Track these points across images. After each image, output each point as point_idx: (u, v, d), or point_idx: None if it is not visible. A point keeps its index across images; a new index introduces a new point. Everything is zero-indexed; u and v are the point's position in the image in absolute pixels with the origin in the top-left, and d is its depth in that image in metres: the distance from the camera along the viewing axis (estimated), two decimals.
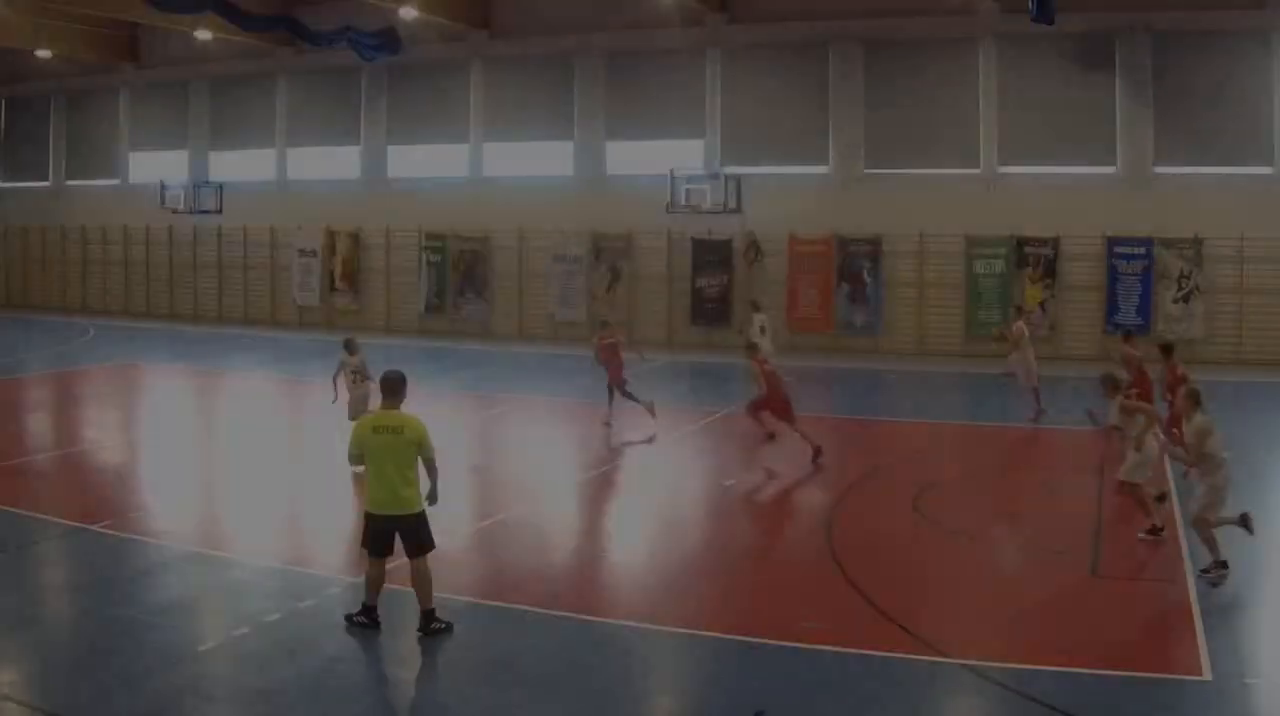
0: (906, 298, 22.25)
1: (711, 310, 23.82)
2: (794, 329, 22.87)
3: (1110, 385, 10.45)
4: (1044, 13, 18.80)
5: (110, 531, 10.33)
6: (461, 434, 15.27)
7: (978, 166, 21.72)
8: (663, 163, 23.96)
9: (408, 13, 23.90)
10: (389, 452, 7.61)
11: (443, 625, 7.69)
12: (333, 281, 28.24)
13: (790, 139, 23.29)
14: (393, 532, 7.67)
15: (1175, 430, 10.63)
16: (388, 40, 26.33)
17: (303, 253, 28.57)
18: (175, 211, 29.99)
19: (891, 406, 18.76)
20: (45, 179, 33.65)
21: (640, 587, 9.16)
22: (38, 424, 16.84)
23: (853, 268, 22.49)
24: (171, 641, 7.66)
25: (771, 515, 11.87)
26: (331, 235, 28.12)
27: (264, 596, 8.53)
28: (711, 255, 23.77)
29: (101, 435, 15.81)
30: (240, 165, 29.97)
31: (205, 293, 30.41)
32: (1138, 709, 6.67)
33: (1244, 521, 8.96)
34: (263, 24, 26.70)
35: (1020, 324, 16.36)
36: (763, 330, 18.62)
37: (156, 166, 30.98)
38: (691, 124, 24.07)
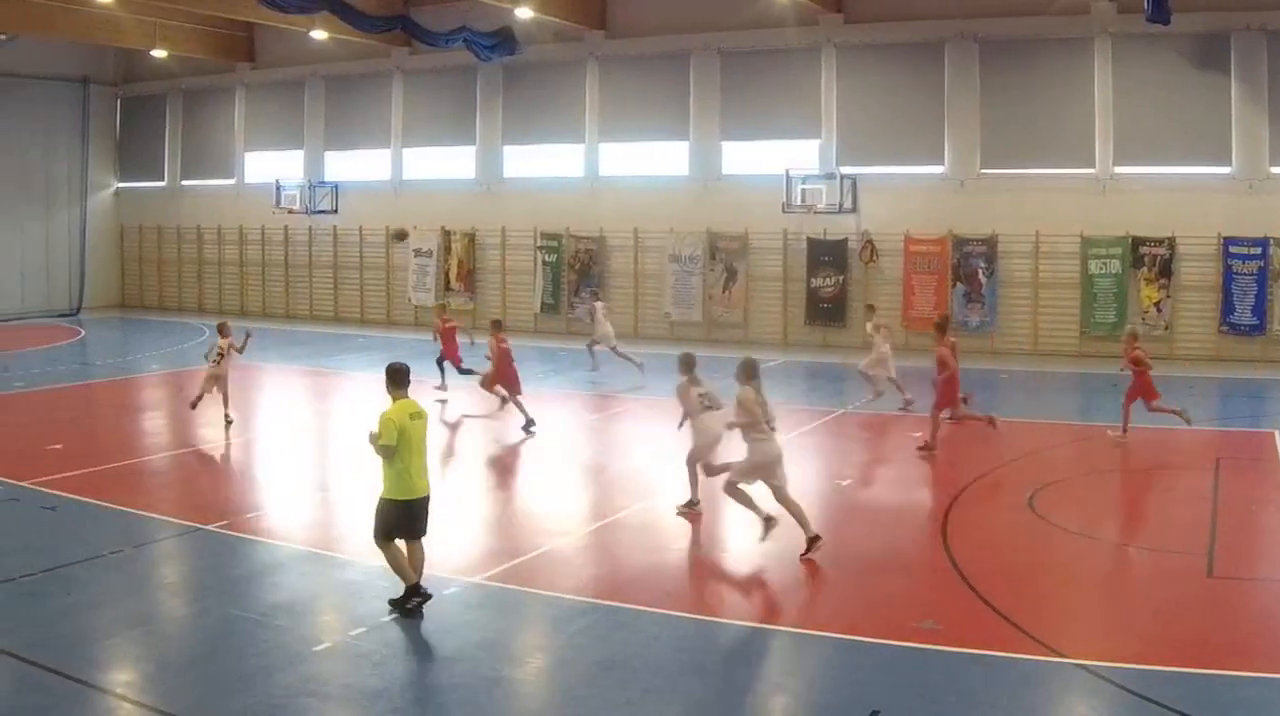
0: (1021, 297, 25.61)
1: (827, 310, 27.51)
2: (910, 328, 26.43)
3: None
4: (1159, 13, 21.79)
5: (226, 531, 12.15)
6: (578, 434, 18.40)
7: (1093, 166, 24.98)
8: (778, 162, 27.66)
9: (523, 13, 27.92)
10: (420, 438, 9.52)
11: (420, 601, 9.49)
12: (448, 281, 32.56)
13: (906, 138, 26.80)
14: (416, 515, 9.50)
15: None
16: (504, 40, 30.53)
17: (418, 253, 32.88)
18: (291, 212, 34.88)
19: (1006, 406, 21.38)
20: (161, 179, 39.15)
21: (755, 587, 10.75)
22: (153, 424, 19.71)
23: (968, 267, 25.88)
24: (287, 641, 8.93)
25: (886, 514, 13.55)
26: (447, 235, 32.36)
27: (379, 596, 9.89)
28: (826, 255, 27.42)
29: (217, 436, 18.27)
30: (356, 165, 34.72)
31: (320, 293, 35.20)
32: (1255, 710, 7.52)
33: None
34: (379, 24, 31.02)
35: (874, 322, 20.21)
36: (591, 315, 24.48)
37: (272, 166, 35.86)
38: (807, 124, 27.75)
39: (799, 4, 26.56)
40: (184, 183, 38.63)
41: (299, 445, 18.04)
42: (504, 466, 16.61)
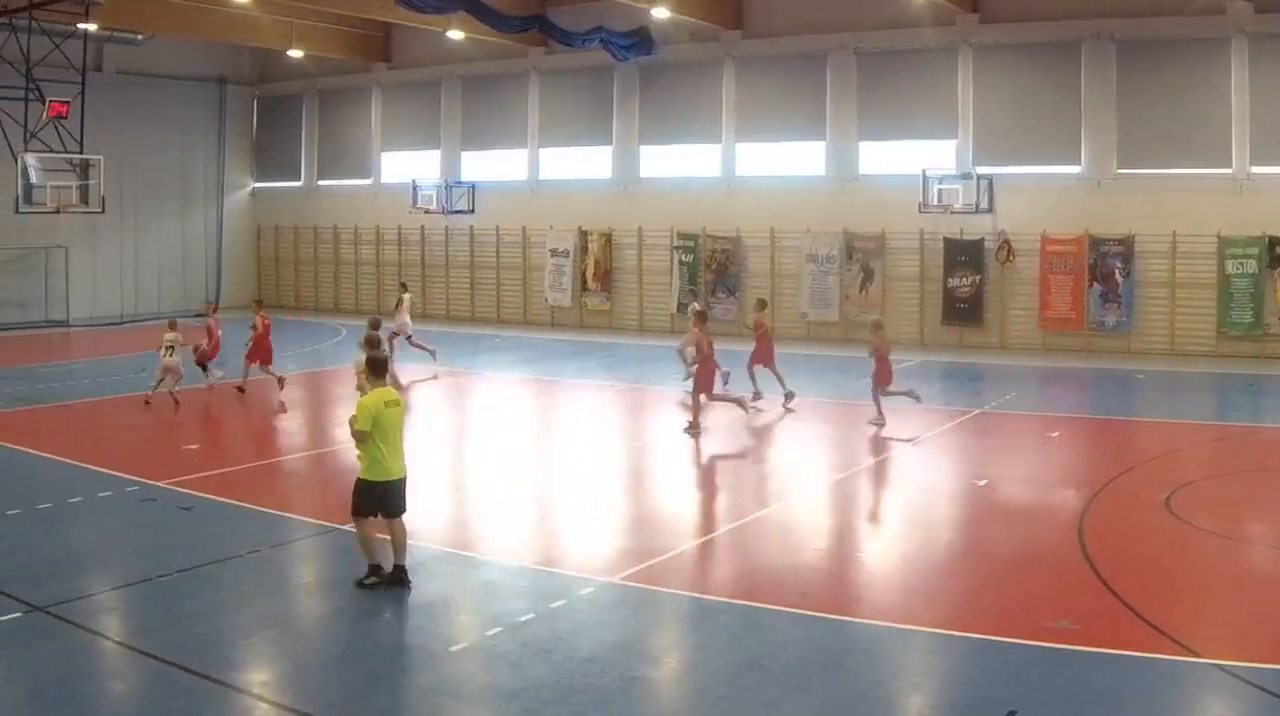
0: (1158, 298, 29.86)
1: (963, 310, 32.04)
2: (1046, 328, 30.83)
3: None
4: None
5: None
6: (716, 434, 21.01)
7: (1229, 166, 29.11)
8: (915, 162, 32.34)
9: (660, 13, 33.10)
10: (397, 423, 12.00)
11: (389, 580, 11.81)
12: (585, 281, 37.80)
13: (1042, 138, 31.23)
14: (390, 496, 11.91)
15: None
16: (641, 40, 35.81)
17: (555, 253, 38.23)
18: (428, 212, 40.98)
19: (1143, 406, 24.68)
20: (297, 179, 45.95)
21: (892, 587, 12.31)
22: (290, 424, 22.68)
23: (1105, 267, 30.16)
24: (424, 641, 10.49)
25: (1023, 514, 15.36)
26: (584, 235, 37.58)
27: (516, 596, 11.57)
28: (963, 255, 31.97)
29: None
30: (492, 165, 40.68)
31: (457, 293, 41.07)
32: None
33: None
34: (516, 24, 36.54)
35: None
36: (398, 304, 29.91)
37: (408, 166, 42.04)
38: (943, 123, 32.38)
39: (935, 4, 31.17)
40: (320, 182, 45.42)
41: (435, 446, 20.73)
42: (641, 467, 19.34)
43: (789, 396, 23.12)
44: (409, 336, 29.12)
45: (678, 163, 37.04)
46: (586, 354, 32.35)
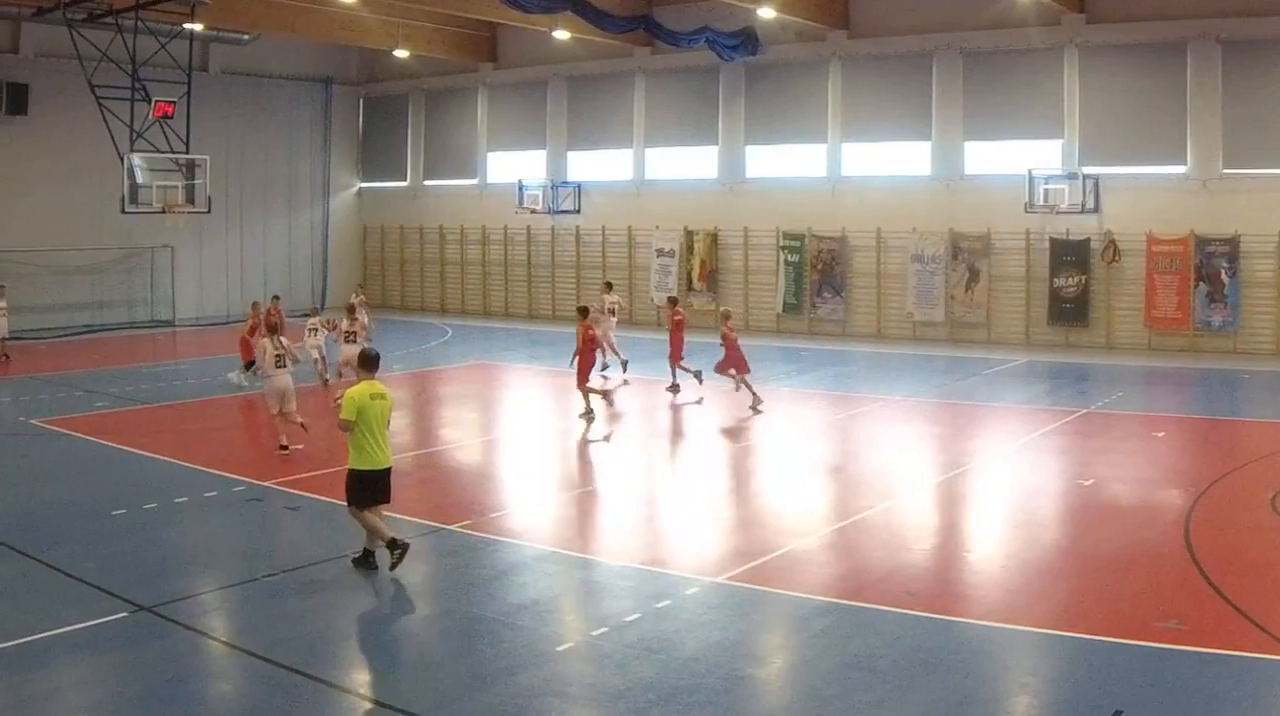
0: (1264, 298, 32.28)
1: (1069, 310, 34.53)
2: (1152, 328, 33.27)
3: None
4: None
5: (469, 532, 15.21)
6: (821, 434, 22.94)
7: None
8: (1020, 162, 34.85)
9: (766, 13, 35.98)
10: (381, 416, 13.51)
11: (403, 549, 13.32)
12: (690, 281, 40.83)
13: (1148, 138, 33.72)
14: (383, 484, 13.54)
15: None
16: (746, 40, 38.71)
17: (660, 253, 41.22)
18: (533, 211, 44.41)
19: (1249, 406, 26.22)
20: (403, 179, 49.75)
21: (997, 587, 13.11)
22: (396, 424, 21.64)
23: (1210, 267, 32.51)
24: (529, 641, 11.22)
25: (1129, 514, 16.28)
26: (689, 235, 40.54)
27: (621, 596, 12.43)
28: (1069, 255, 34.49)
29: (459, 435, 22.98)
30: (598, 165, 43.99)
31: (563, 293, 44.35)
32: None
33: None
34: (621, 24, 39.48)
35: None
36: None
37: (514, 166, 45.61)
38: (1049, 123, 34.95)
39: (1041, 4, 33.72)
40: (426, 183, 49.27)
41: (543, 445, 22.76)
42: (746, 466, 20.95)
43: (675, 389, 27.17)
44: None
45: (783, 162, 40.05)
46: (690, 354, 33.66)
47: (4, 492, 17.88)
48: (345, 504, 13.76)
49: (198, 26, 37.03)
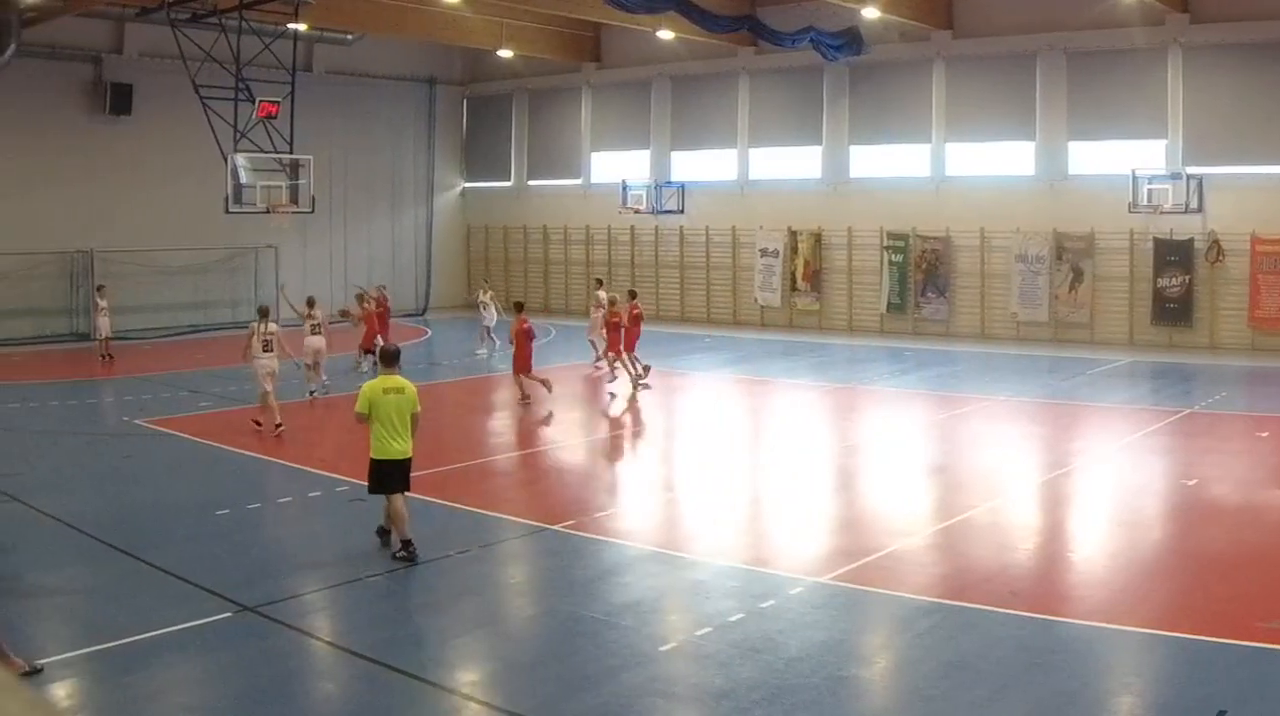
0: None
1: (1173, 310, 36.96)
2: (1256, 328, 35.72)
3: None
4: None
5: (573, 531, 16.06)
6: (925, 434, 24.34)
7: None
8: (1124, 162, 37.31)
9: (870, 13, 38.58)
10: (395, 409, 14.59)
11: (413, 553, 14.55)
12: (794, 281, 43.63)
13: (1252, 138, 36.13)
14: (400, 474, 14.74)
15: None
16: (850, 40, 41.48)
17: (764, 253, 44.10)
18: (637, 211, 47.65)
19: None
20: (507, 179, 53.44)
21: (1100, 587, 13.68)
22: (499, 424, 26.67)
23: None
24: (633, 641, 11.88)
25: (1232, 515, 17.06)
26: (793, 235, 43.40)
27: (725, 596, 13.13)
28: (1173, 255, 36.95)
29: (563, 435, 24.62)
30: (702, 165, 47.15)
31: (667, 293, 47.56)
32: None
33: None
34: (726, 24, 42.24)
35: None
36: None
37: (618, 166, 49.01)
38: (1153, 123, 37.45)
39: (1145, 4, 36.16)
40: (530, 182, 52.82)
41: (647, 445, 24.59)
42: (850, 466, 22.01)
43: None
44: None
45: (887, 162, 42.90)
46: (796, 354, 37.66)
47: (108, 493, 19.13)
48: (432, 500, 15.89)
49: (302, 26, 38.66)
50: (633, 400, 28.88)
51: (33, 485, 19.14)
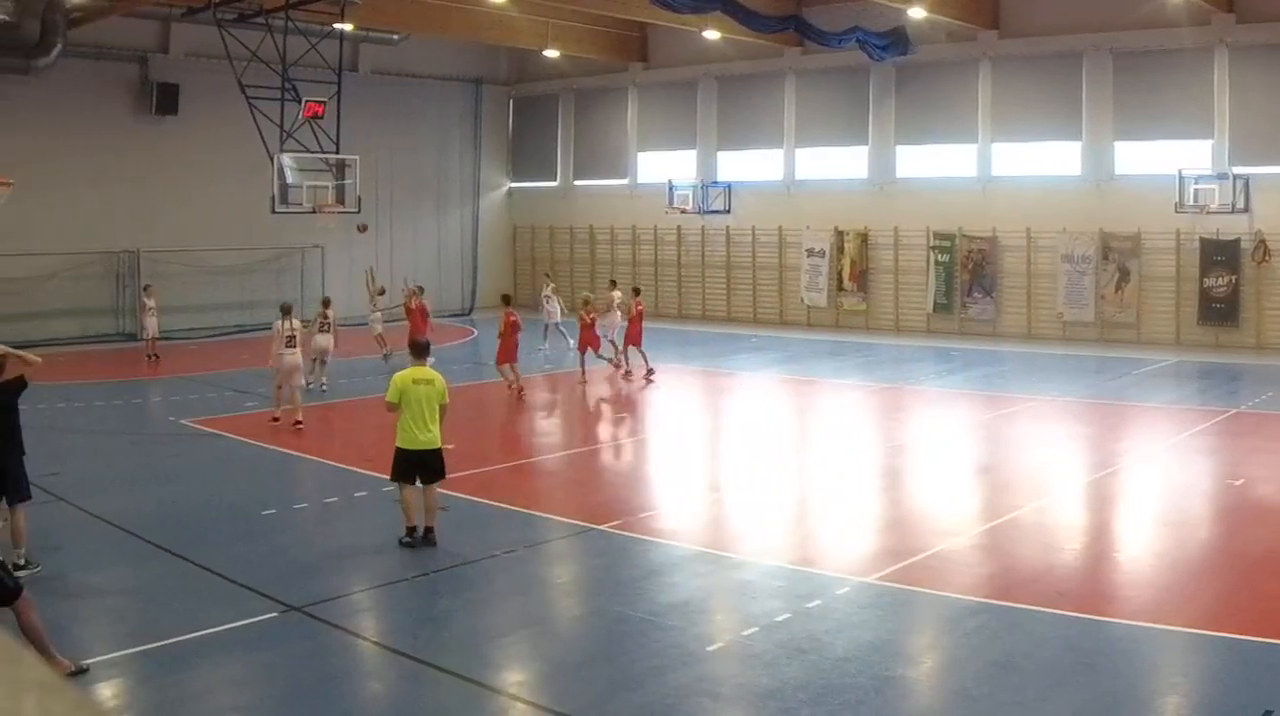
0: None
1: (1219, 310, 37.96)
2: None
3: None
4: None
5: (619, 531, 16.37)
6: (971, 434, 24.86)
7: None
8: (1170, 162, 38.26)
9: (916, 13, 39.76)
10: (425, 400, 15.45)
11: (426, 539, 15.45)
12: (840, 281, 44.82)
13: None
14: (420, 464, 15.50)
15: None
16: (897, 40, 42.61)
17: (811, 252, 45.24)
18: (683, 211, 48.89)
19: None
20: (553, 179, 54.85)
21: (1147, 587, 14.00)
22: (545, 424, 27.37)
23: None
24: (679, 641, 12.13)
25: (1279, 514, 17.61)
26: (839, 235, 44.55)
27: (772, 596, 13.43)
28: (1219, 255, 37.92)
29: (609, 435, 25.63)
30: (748, 165, 48.49)
31: (713, 293, 48.87)
32: None
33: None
34: (772, 24, 43.39)
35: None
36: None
37: (664, 166, 50.30)
38: (1199, 123, 38.52)
39: (1191, 3, 37.05)
40: (576, 183, 54.25)
41: (693, 445, 24.85)
42: (896, 466, 22.33)
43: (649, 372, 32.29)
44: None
45: (933, 162, 44.05)
46: (842, 354, 38.64)
47: (154, 493, 19.27)
48: (481, 499, 16.83)
49: (348, 26, 39.43)
50: (618, 388, 31.05)
51: (79, 485, 19.49)
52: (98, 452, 23.18)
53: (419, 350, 16.52)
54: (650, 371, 32.31)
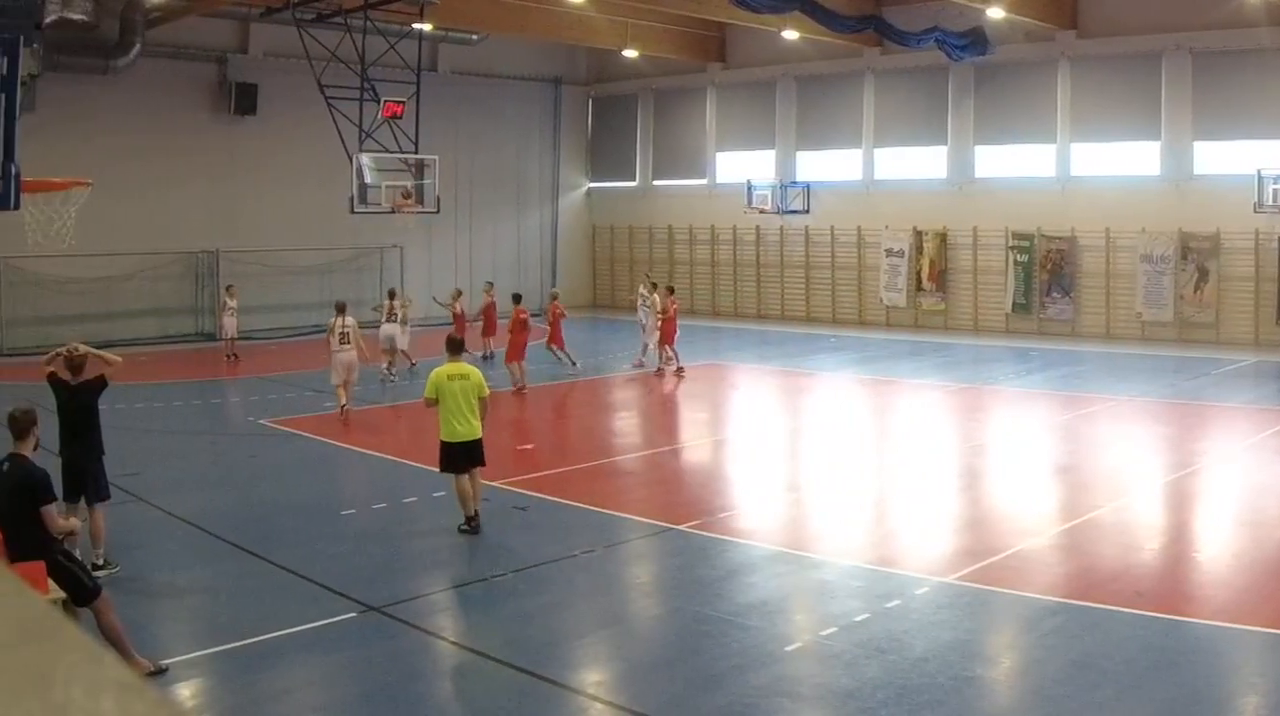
0: None
1: None
2: None
3: None
4: None
5: (698, 531, 16.97)
6: (1051, 434, 25.48)
7: None
8: (1249, 162, 39.74)
9: (995, 13, 41.36)
10: (462, 394, 16.71)
11: (475, 526, 16.71)
12: (919, 281, 46.67)
13: None
14: (465, 454, 16.75)
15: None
16: (975, 40, 44.31)
17: (890, 252, 47.04)
18: (762, 211, 50.93)
19: None
20: (632, 179, 57.12)
21: (1225, 587, 14.34)
22: (624, 424, 28.12)
23: None
24: (758, 641, 12.50)
25: None
26: (918, 235, 46.40)
27: (851, 596, 13.91)
28: None
29: (690, 435, 26.41)
30: (827, 165, 50.48)
31: (792, 293, 51.00)
32: None
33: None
34: (851, 24, 45.17)
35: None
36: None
37: (743, 166, 52.37)
38: (1278, 123, 39.42)
39: (1270, 4, 38.55)
40: (655, 182, 56.49)
41: (772, 445, 25.50)
42: (975, 466, 22.96)
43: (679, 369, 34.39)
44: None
45: (1012, 162, 45.73)
46: (922, 354, 40.20)
47: (234, 493, 20.11)
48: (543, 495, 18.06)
49: (427, 26, 40.53)
50: (693, 387, 32.63)
51: (158, 485, 20.11)
52: (177, 452, 24.04)
53: (454, 347, 17.75)
54: (680, 368, 34.39)
